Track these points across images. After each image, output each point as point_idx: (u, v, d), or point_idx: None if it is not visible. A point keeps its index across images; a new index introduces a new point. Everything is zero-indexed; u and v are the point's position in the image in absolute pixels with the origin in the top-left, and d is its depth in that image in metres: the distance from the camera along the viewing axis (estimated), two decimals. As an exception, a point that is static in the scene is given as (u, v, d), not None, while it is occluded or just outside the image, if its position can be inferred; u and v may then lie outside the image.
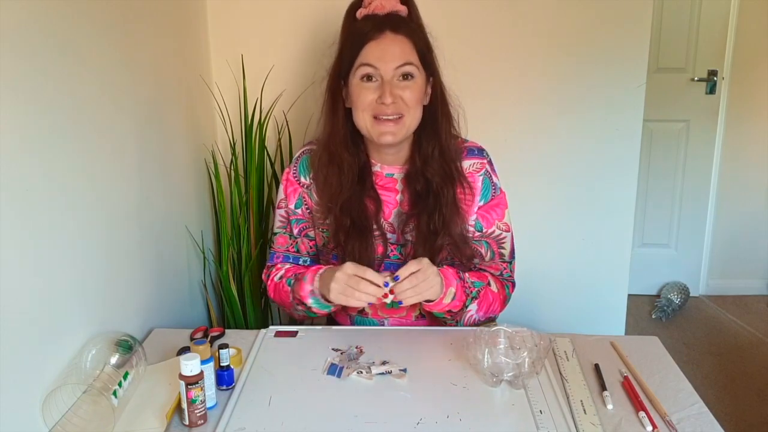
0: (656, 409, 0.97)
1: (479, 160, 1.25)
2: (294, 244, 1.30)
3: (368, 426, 0.93)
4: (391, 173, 1.25)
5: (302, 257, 1.30)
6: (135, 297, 1.27)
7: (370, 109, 1.15)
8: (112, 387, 0.95)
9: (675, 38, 2.81)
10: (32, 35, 0.92)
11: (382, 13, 1.15)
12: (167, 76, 1.47)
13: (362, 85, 1.14)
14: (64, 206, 1.01)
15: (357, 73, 1.15)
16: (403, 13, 1.16)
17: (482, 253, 1.26)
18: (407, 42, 1.14)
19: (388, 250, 1.24)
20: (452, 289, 1.14)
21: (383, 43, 1.12)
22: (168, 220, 1.47)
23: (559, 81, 1.82)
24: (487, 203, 1.25)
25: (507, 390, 1.01)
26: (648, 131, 2.79)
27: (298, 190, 1.28)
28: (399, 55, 1.13)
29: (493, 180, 1.26)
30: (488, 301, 1.22)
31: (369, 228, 1.21)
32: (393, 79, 1.13)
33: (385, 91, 1.12)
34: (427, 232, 1.19)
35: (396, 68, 1.13)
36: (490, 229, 1.25)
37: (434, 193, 1.19)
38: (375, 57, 1.12)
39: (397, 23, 1.14)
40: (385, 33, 1.13)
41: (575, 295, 1.98)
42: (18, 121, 0.89)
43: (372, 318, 1.30)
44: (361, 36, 1.14)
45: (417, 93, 1.15)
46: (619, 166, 1.88)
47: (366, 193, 1.23)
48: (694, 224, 3.04)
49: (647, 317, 2.89)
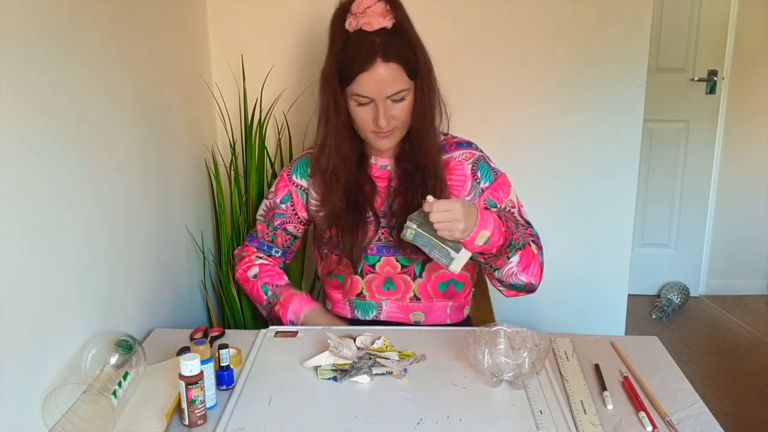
0: (656, 409, 0.97)
1: (468, 150, 1.30)
2: (270, 234, 1.39)
3: (368, 426, 0.93)
4: (384, 165, 1.30)
5: (275, 247, 1.41)
6: (135, 297, 1.27)
7: (368, 128, 1.20)
8: (112, 387, 0.95)
9: (675, 38, 2.81)
10: (32, 35, 0.92)
11: (371, 30, 1.14)
12: (167, 76, 1.47)
13: (357, 108, 1.19)
14: (64, 206, 1.01)
15: (352, 98, 1.18)
16: (389, 24, 1.15)
17: None
18: (398, 68, 1.15)
19: (379, 233, 1.29)
20: (486, 232, 1.12)
21: (375, 74, 1.14)
22: (168, 220, 1.47)
23: (559, 81, 1.82)
24: (492, 184, 1.29)
25: (507, 390, 1.02)
26: (648, 131, 2.79)
27: (288, 186, 1.36)
28: (391, 85, 1.15)
29: (491, 165, 1.31)
30: (529, 260, 1.23)
31: (363, 208, 1.28)
32: (386, 102, 1.17)
33: (379, 115, 1.17)
34: (413, 205, 1.21)
35: (389, 96, 1.16)
36: (501, 204, 1.30)
37: (421, 170, 1.25)
38: (367, 89, 1.15)
39: (386, 49, 1.13)
40: (376, 63, 1.13)
41: (575, 295, 1.98)
42: (18, 122, 0.89)
43: (370, 300, 1.33)
44: (353, 63, 1.14)
45: (407, 108, 1.19)
46: (619, 166, 1.88)
47: (362, 177, 1.29)
48: (694, 224, 3.04)
49: (647, 317, 2.89)
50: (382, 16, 1.14)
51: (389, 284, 1.32)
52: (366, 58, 1.13)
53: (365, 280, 1.32)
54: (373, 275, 1.31)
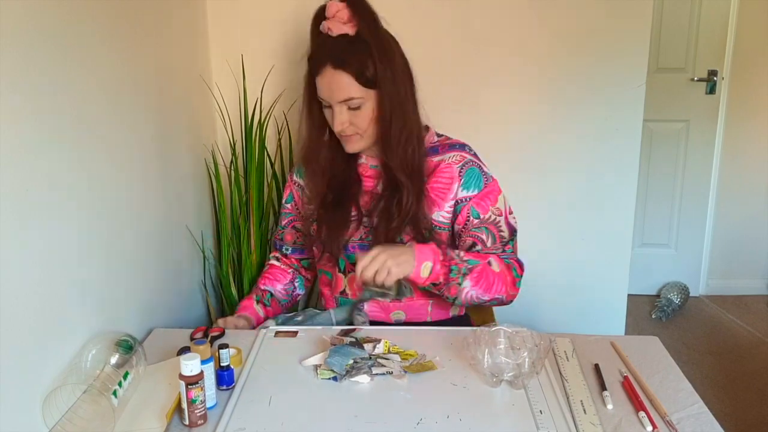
0: (656, 409, 0.97)
1: (459, 153, 1.29)
2: (281, 233, 1.46)
3: (368, 426, 0.93)
4: (375, 165, 1.31)
5: (286, 245, 1.47)
6: (135, 297, 1.27)
7: (334, 128, 1.23)
8: (112, 387, 0.95)
9: (675, 38, 2.81)
10: (32, 35, 0.93)
11: (333, 35, 1.19)
12: (167, 76, 1.47)
13: (324, 109, 1.24)
14: (64, 206, 1.01)
15: (316, 98, 1.23)
16: (351, 32, 1.18)
17: (483, 239, 1.29)
18: (347, 76, 1.17)
19: (361, 233, 1.30)
20: (428, 264, 1.18)
21: (325, 78, 1.18)
22: (168, 220, 1.47)
23: (560, 81, 1.82)
24: (479, 193, 1.28)
25: (507, 390, 1.02)
26: (648, 131, 2.79)
27: (291, 187, 1.42)
28: (339, 91, 1.19)
29: (483, 170, 1.30)
30: (488, 281, 1.24)
31: (347, 207, 1.30)
32: (342, 107, 1.20)
33: (336, 120, 1.20)
34: (390, 210, 1.25)
35: (340, 102, 1.19)
36: (486, 215, 1.29)
37: (404, 175, 1.26)
38: (322, 91, 1.20)
39: (339, 55, 1.17)
40: (326, 69, 1.18)
41: (575, 295, 1.98)
42: (18, 122, 0.89)
43: (352, 298, 1.34)
44: (312, 66, 1.21)
45: (366, 117, 1.21)
46: (619, 165, 1.88)
47: (350, 174, 1.32)
48: (694, 224, 3.04)
49: (647, 317, 2.89)
50: (344, 23, 1.18)
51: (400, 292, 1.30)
52: (319, 62, 1.19)
53: (347, 278, 1.34)
54: (354, 273, 1.30)
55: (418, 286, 1.23)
